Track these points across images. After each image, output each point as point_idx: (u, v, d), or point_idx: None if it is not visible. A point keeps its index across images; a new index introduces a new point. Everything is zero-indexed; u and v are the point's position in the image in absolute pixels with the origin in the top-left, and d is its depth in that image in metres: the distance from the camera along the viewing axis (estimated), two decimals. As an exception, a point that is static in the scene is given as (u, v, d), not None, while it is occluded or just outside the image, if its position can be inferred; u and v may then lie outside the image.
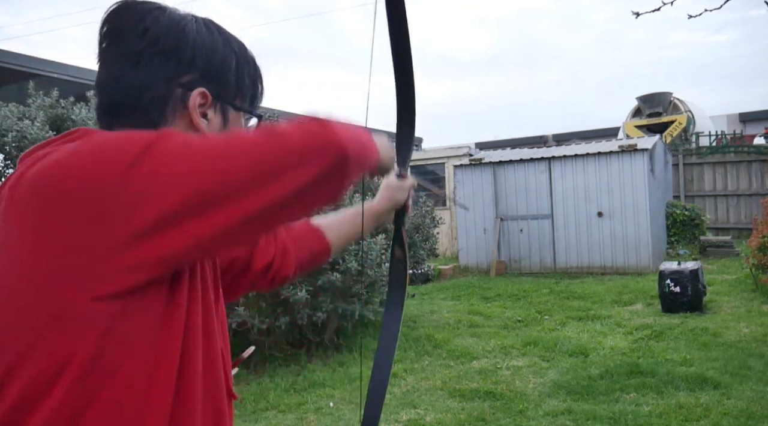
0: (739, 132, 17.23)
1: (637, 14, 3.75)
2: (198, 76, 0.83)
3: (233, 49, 0.88)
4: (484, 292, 8.22)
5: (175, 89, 0.82)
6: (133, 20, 0.81)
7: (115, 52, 0.82)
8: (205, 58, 0.84)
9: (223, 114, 0.87)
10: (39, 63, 9.05)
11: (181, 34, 0.82)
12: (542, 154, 10.05)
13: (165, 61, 0.81)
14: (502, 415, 3.86)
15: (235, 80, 0.87)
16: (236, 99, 0.89)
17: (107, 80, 0.83)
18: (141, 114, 0.82)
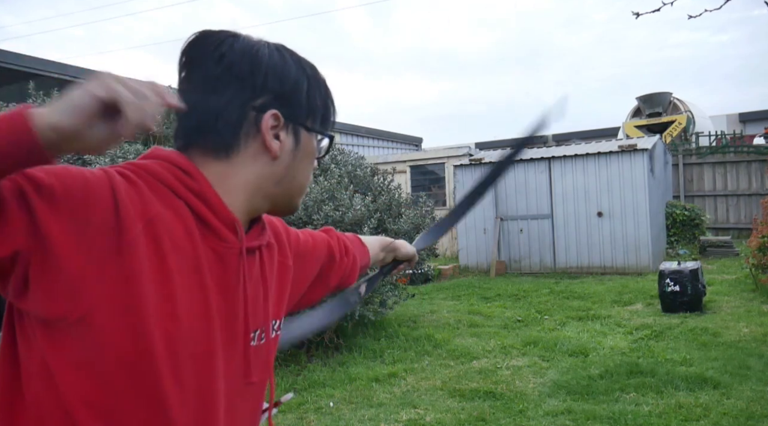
0: (739, 132, 17.23)
1: (637, 14, 3.76)
2: (271, 99, 0.85)
3: (305, 71, 0.90)
4: (484, 292, 8.23)
5: (249, 112, 0.84)
6: (209, 48, 0.84)
7: (193, 80, 0.85)
8: (278, 81, 0.86)
9: (295, 135, 0.89)
10: (39, 63, 9.05)
11: (254, 59, 0.85)
12: (542, 154, 10.05)
13: (240, 86, 0.84)
14: (502, 415, 3.86)
15: (306, 102, 0.89)
16: (308, 120, 0.90)
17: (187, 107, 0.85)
18: (215, 136, 0.84)
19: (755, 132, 18.69)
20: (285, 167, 0.88)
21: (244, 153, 0.85)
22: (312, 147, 0.92)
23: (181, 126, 0.87)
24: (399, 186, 6.80)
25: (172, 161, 0.81)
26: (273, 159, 0.86)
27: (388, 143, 18.67)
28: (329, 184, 5.20)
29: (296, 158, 0.89)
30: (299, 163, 0.90)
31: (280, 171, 0.88)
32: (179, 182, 0.80)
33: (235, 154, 0.85)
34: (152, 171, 0.79)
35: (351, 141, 16.45)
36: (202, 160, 0.84)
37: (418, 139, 20.36)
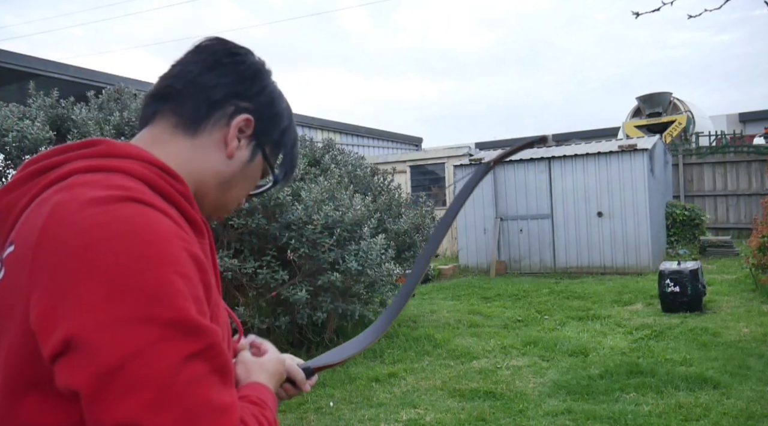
0: (739, 132, 17.24)
1: (637, 14, 3.76)
2: (252, 109, 0.88)
3: (291, 117, 0.96)
4: (484, 292, 8.23)
5: (230, 103, 0.87)
6: (228, 47, 0.90)
7: (197, 57, 0.88)
8: (268, 102, 0.90)
9: (253, 153, 0.90)
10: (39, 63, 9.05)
11: (260, 73, 0.90)
12: (542, 154, 10.05)
13: (236, 81, 0.87)
14: (502, 415, 3.86)
15: (278, 137, 0.93)
16: (269, 149, 0.93)
17: (175, 72, 0.87)
18: (192, 106, 0.85)
19: (755, 132, 18.69)
20: (231, 172, 0.89)
21: (206, 138, 0.86)
22: (258, 173, 0.94)
23: (160, 87, 0.88)
24: (399, 186, 6.80)
25: (151, 162, 0.78)
26: (227, 157, 0.87)
27: (388, 143, 18.67)
28: (329, 184, 5.20)
29: (243, 172, 0.90)
30: (243, 178, 0.91)
31: (227, 173, 0.88)
32: (170, 187, 0.78)
33: (199, 134, 0.85)
34: (147, 180, 0.76)
35: (351, 141, 16.45)
36: (171, 132, 0.85)
37: (418, 139, 20.36)
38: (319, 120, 15.53)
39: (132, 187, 0.71)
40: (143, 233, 0.66)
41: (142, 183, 0.74)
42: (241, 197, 0.94)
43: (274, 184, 0.97)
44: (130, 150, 0.79)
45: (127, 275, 0.63)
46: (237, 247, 4.80)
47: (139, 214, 0.68)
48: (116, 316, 0.62)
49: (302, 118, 14.71)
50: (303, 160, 5.58)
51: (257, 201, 4.73)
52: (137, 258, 0.64)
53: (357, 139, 16.97)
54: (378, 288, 5.35)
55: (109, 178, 0.73)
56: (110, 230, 0.65)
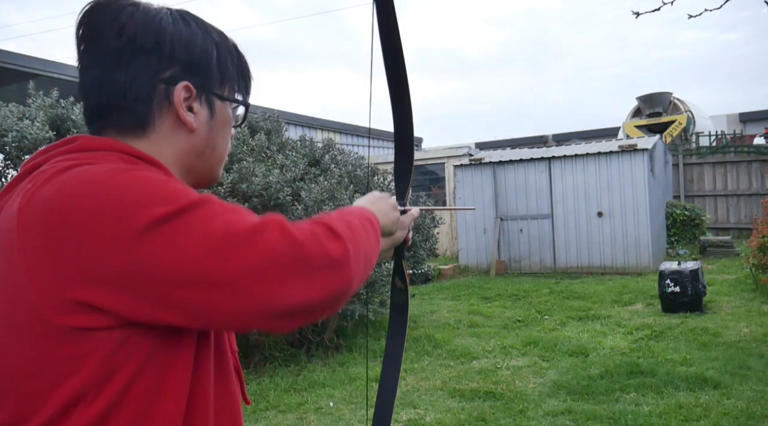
0: (739, 132, 17.23)
1: (637, 14, 3.76)
2: (180, 70, 0.82)
3: (213, 38, 0.86)
4: (484, 292, 8.23)
5: (158, 85, 0.81)
6: (108, 19, 0.79)
7: (94, 54, 0.81)
8: (185, 51, 0.82)
9: (210, 106, 0.86)
10: (39, 63, 9.05)
11: (158, 29, 0.80)
12: (542, 154, 10.05)
13: (145, 58, 0.80)
14: (502, 415, 3.86)
15: (218, 70, 0.86)
16: (222, 89, 0.87)
17: (90, 84, 0.82)
18: (128, 113, 0.81)
19: (755, 132, 18.68)
20: (203, 139, 0.86)
21: (160, 129, 0.82)
22: (228, 115, 0.89)
23: (90, 106, 0.83)
24: (399, 186, 6.78)
25: (127, 152, 0.78)
26: (190, 132, 0.84)
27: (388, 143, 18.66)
28: (329, 184, 5.20)
29: (213, 129, 0.87)
30: (217, 134, 0.88)
31: (199, 143, 0.86)
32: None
33: (151, 130, 0.82)
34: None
35: (351, 141, 16.45)
36: (120, 139, 0.81)
37: (418, 139, 20.36)
38: (319, 120, 15.52)
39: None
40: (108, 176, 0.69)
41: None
42: (227, 142, 0.92)
43: (246, 106, 0.93)
44: (104, 142, 0.79)
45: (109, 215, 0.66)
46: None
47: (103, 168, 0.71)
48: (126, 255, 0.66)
49: (302, 118, 14.71)
50: (303, 159, 5.57)
51: (257, 201, 4.73)
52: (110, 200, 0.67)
53: (357, 139, 16.97)
54: (378, 288, 5.35)
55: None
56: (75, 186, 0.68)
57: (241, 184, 4.74)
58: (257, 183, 4.72)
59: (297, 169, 5.22)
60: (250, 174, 4.79)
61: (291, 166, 5.25)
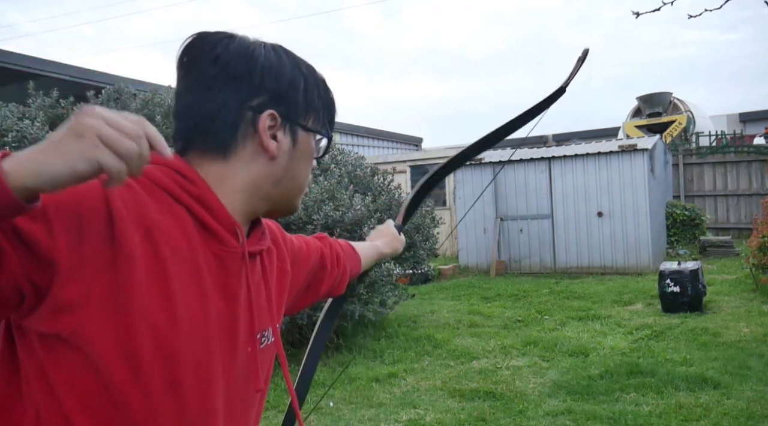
0: (739, 132, 17.23)
1: (637, 14, 3.75)
2: (268, 99, 0.85)
3: (301, 70, 0.89)
4: (484, 292, 8.22)
5: (245, 113, 0.84)
6: (206, 49, 0.84)
7: (190, 81, 0.85)
8: (274, 80, 0.85)
9: (293, 135, 0.88)
10: (39, 63, 9.05)
11: (250, 58, 0.84)
12: (542, 154, 10.05)
13: (236, 86, 0.83)
14: (502, 415, 3.86)
15: (304, 101, 0.88)
16: (305, 119, 0.89)
17: (183, 108, 0.86)
18: (213, 137, 0.84)
19: (755, 132, 18.68)
20: (283, 168, 0.88)
21: (242, 154, 0.84)
22: (310, 147, 0.91)
23: (179, 127, 0.86)
24: (399, 186, 6.80)
25: (170, 165, 0.80)
26: (270, 159, 0.86)
27: (388, 143, 18.67)
28: (329, 184, 5.20)
29: (294, 158, 0.89)
30: (297, 164, 0.90)
31: (278, 171, 0.87)
32: (178, 186, 0.79)
33: (232, 154, 0.84)
34: (151, 176, 0.78)
35: (351, 141, 16.45)
36: (200, 161, 0.84)
37: (418, 139, 20.36)
38: (319, 120, 15.50)
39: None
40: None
41: (150, 181, 0.77)
42: (308, 173, 0.94)
43: (329, 139, 0.95)
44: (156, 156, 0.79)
45: None
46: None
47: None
48: None
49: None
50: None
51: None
52: None
53: (357, 139, 16.97)
54: (378, 288, 5.35)
55: None
56: None
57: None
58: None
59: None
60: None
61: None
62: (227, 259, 0.83)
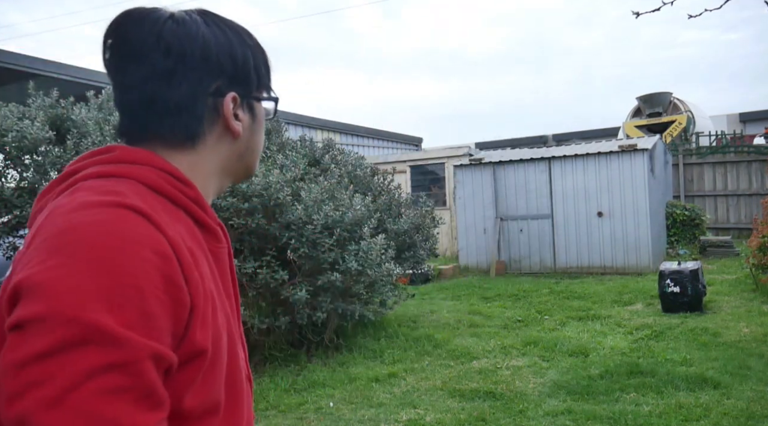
0: (739, 132, 17.23)
1: (637, 14, 3.76)
2: (226, 81, 0.84)
3: (247, 42, 0.88)
4: (484, 292, 8.23)
5: (208, 99, 0.83)
6: (150, 37, 0.80)
7: (139, 73, 0.81)
8: (229, 62, 0.84)
9: (251, 110, 0.88)
10: (39, 63, 9.05)
11: (203, 44, 0.82)
12: (542, 154, 10.05)
13: (196, 75, 0.82)
14: (502, 415, 3.86)
15: (256, 74, 0.88)
16: (259, 91, 0.90)
17: (138, 101, 0.82)
18: (179, 129, 0.82)
19: (755, 132, 18.69)
20: (245, 142, 0.89)
21: (209, 140, 0.85)
22: (263, 113, 0.92)
23: (131, 120, 0.84)
24: (399, 186, 6.80)
25: (161, 168, 0.79)
26: (235, 138, 0.87)
27: (388, 143, 18.67)
28: (329, 184, 5.20)
29: (254, 131, 0.90)
30: (257, 135, 0.91)
31: (242, 147, 0.89)
32: (179, 192, 0.79)
33: (200, 143, 0.84)
34: (150, 184, 0.77)
35: (351, 141, 16.45)
36: (167, 153, 0.82)
37: (418, 139, 20.36)
38: (319, 120, 15.53)
39: (129, 194, 0.72)
40: (109, 238, 0.66)
41: (148, 188, 0.76)
42: (263, 137, 0.94)
43: (277, 100, 0.94)
44: (140, 156, 0.79)
45: (71, 274, 0.63)
46: (237, 247, 4.80)
47: (117, 220, 0.68)
48: (49, 312, 0.62)
49: (302, 118, 14.71)
50: (303, 160, 5.57)
51: (257, 201, 4.73)
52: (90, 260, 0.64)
53: (357, 139, 16.97)
54: (378, 288, 5.35)
55: (110, 183, 0.74)
56: (82, 232, 0.66)
57: (241, 184, 4.74)
58: (257, 183, 4.72)
59: (297, 169, 5.22)
60: (250, 174, 4.78)
61: (291, 166, 5.25)
62: (221, 256, 0.84)
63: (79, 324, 0.61)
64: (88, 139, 4.60)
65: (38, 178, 4.58)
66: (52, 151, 4.63)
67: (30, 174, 4.67)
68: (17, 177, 4.78)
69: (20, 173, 4.76)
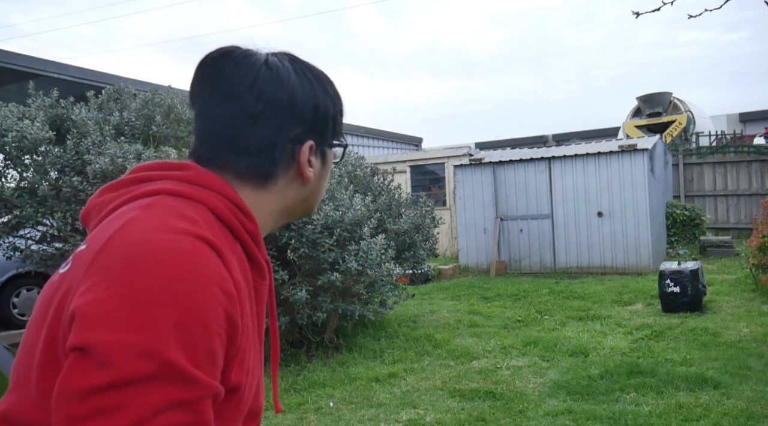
0: (739, 132, 17.23)
1: (637, 14, 3.75)
2: (306, 129, 0.87)
3: (329, 93, 0.91)
4: (484, 292, 8.23)
5: (287, 144, 0.86)
6: (245, 80, 0.83)
7: (230, 109, 0.84)
8: (311, 112, 0.87)
9: (323, 157, 0.91)
10: (39, 63, 9.05)
11: (291, 92, 0.85)
12: (542, 154, 10.05)
13: (280, 122, 0.85)
14: (502, 415, 3.86)
15: (332, 124, 0.91)
16: (333, 139, 0.93)
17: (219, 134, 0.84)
18: (255, 168, 0.85)
19: (755, 132, 18.70)
20: (313, 186, 0.92)
21: (281, 182, 0.87)
22: (332, 159, 0.95)
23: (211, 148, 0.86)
24: (399, 186, 6.80)
25: (230, 198, 0.81)
26: (305, 183, 0.89)
27: (388, 143, 18.67)
28: (329, 184, 5.20)
29: (322, 177, 0.93)
30: (323, 180, 0.94)
31: (308, 192, 0.91)
32: (240, 224, 0.80)
33: (272, 184, 0.87)
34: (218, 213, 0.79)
35: (351, 141, 16.46)
36: (238, 185, 0.85)
37: (418, 139, 20.36)
38: (319, 120, 15.51)
39: (201, 224, 0.74)
40: (188, 273, 0.67)
41: (215, 216, 0.78)
42: (327, 181, 0.97)
43: (345, 146, 0.97)
44: (214, 182, 0.81)
45: (150, 306, 0.64)
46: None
47: (195, 253, 0.69)
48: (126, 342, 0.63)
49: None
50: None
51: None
52: (168, 293, 0.65)
53: (357, 139, 16.98)
54: (378, 288, 5.35)
55: (186, 206, 0.76)
56: (161, 259, 0.67)
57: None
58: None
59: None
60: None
61: (291, 166, 5.24)
62: (262, 292, 0.86)
63: (156, 359, 0.63)
64: (88, 139, 4.61)
65: (38, 178, 4.58)
66: (52, 151, 4.63)
67: (30, 174, 4.67)
68: (17, 177, 4.78)
69: (20, 173, 4.76)
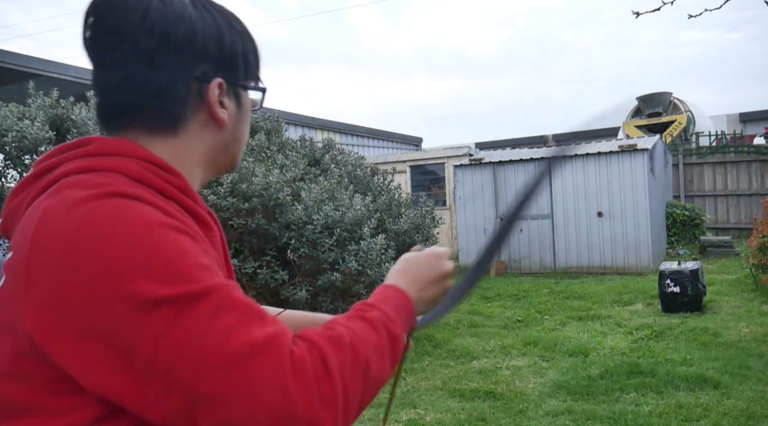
0: (739, 132, 17.23)
1: (637, 14, 3.76)
2: (212, 67, 0.80)
3: (235, 28, 0.84)
4: (484, 292, 8.22)
5: (191, 84, 0.79)
6: (134, 16, 0.76)
7: (120, 53, 0.77)
8: (216, 47, 0.81)
9: (237, 98, 0.85)
10: (39, 63, 9.05)
11: (189, 25, 0.78)
12: (542, 154, 10.05)
13: (180, 57, 0.78)
14: (502, 415, 3.86)
15: (243, 61, 0.85)
16: (246, 79, 0.86)
17: (116, 83, 0.78)
18: (160, 114, 0.79)
19: (755, 132, 18.69)
20: (231, 132, 0.86)
21: (192, 127, 0.81)
22: (249, 103, 0.88)
23: (109, 104, 0.80)
24: (399, 186, 6.80)
25: (145, 158, 0.75)
26: (220, 127, 0.83)
27: (388, 143, 18.66)
28: (329, 184, 5.20)
29: (239, 121, 0.87)
30: (242, 125, 0.88)
31: (226, 138, 0.85)
32: (165, 183, 0.75)
33: (183, 129, 0.80)
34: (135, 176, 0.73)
35: (351, 141, 16.45)
36: (148, 139, 0.79)
37: (418, 139, 20.36)
38: (319, 120, 15.52)
39: (111, 183, 0.70)
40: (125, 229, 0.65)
41: (132, 180, 0.72)
42: (248, 129, 0.91)
43: (264, 90, 0.91)
44: (120, 147, 0.76)
45: (115, 277, 0.63)
46: (237, 247, 4.80)
47: (119, 208, 0.67)
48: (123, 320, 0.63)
49: (302, 118, 14.71)
50: (303, 160, 5.57)
51: (257, 201, 4.73)
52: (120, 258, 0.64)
53: (357, 139, 16.97)
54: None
55: (94, 177, 0.71)
56: (92, 232, 0.65)
57: (241, 184, 4.74)
58: (257, 183, 4.72)
59: (297, 169, 5.22)
60: (250, 174, 4.79)
61: (291, 166, 5.25)
62: (214, 243, 0.81)
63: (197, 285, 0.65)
64: (88, 139, 4.60)
65: (38, 178, 4.58)
66: (52, 151, 4.62)
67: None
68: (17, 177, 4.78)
69: (20, 173, 4.76)
